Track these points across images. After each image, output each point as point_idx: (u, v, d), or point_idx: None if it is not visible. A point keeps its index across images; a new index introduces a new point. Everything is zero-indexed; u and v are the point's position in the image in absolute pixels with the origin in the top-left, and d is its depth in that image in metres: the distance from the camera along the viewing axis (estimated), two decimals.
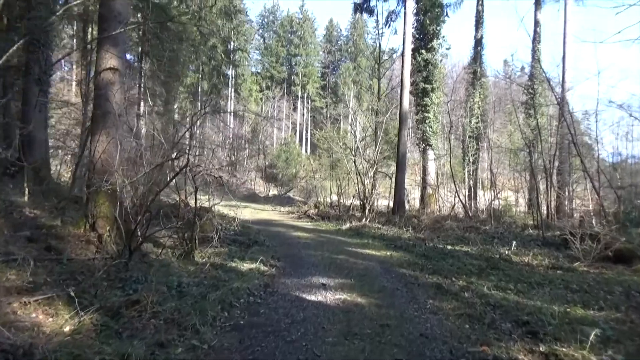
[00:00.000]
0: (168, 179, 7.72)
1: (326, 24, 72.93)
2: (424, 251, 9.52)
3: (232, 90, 53.55)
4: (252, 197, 28.12)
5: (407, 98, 16.14)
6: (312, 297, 5.46)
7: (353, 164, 17.63)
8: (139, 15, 17.98)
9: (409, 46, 16.48)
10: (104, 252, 5.68)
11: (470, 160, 20.73)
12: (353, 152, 17.97)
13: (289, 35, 65.61)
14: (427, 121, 21.00)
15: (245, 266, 6.86)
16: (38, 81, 10.73)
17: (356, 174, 17.40)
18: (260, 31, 68.39)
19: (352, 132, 19.58)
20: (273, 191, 34.72)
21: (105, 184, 5.83)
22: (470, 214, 15.52)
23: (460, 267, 7.76)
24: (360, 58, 60.33)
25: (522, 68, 39.91)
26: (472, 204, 19.67)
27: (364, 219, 14.17)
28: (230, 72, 53.63)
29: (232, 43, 53.18)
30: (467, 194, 19.58)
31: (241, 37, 55.85)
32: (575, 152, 13.06)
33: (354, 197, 18.00)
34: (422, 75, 21.12)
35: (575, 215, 17.08)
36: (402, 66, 16.13)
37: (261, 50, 67.13)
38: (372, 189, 16.99)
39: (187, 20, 21.13)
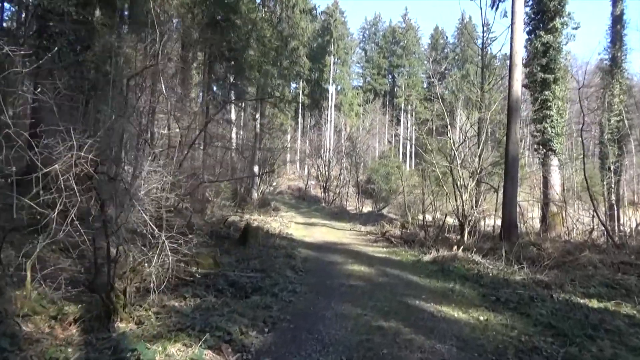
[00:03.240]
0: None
1: (431, 32, 68.52)
2: (549, 314, 5.34)
3: (332, 104, 51.95)
4: (339, 215, 25.20)
5: (518, 81, 11.78)
6: None
7: (449, 173, 13.91)
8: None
9: (521, 9, 12.14)
10: None
11: (612, 169, 15.68)
12: (449, 159, 14.23)
13: (392, 45, 63.08)
14: (548, 120, 16.35)
15: (171, 353, 3.44)
16: None
17: (453, 186, 13.63)
18: (362, 44, 66.60)
19: (448, 134, 15.77)
20: (367, 207, 31.52)
21: None
22: (617, 242, 10.84)
23: None
24: (468, 65, 55.00)
25: None
26: (616, 227, 14.66)
27: (456, 247, 10.31)
28: (330, 87, 52.21)
29: (332, 57, 51.92)
30: (607, 213, 14.64)
31: (341, 50, 54.37)
32: None
33: (446, 215, 14.06)
34: (540, 63, 16.64)
35: None
36: (511, 38, 11.83)
37: (362, 62, 65.19)
38: (472, 206, 13.08)
39: (259, 17, 19.23)
